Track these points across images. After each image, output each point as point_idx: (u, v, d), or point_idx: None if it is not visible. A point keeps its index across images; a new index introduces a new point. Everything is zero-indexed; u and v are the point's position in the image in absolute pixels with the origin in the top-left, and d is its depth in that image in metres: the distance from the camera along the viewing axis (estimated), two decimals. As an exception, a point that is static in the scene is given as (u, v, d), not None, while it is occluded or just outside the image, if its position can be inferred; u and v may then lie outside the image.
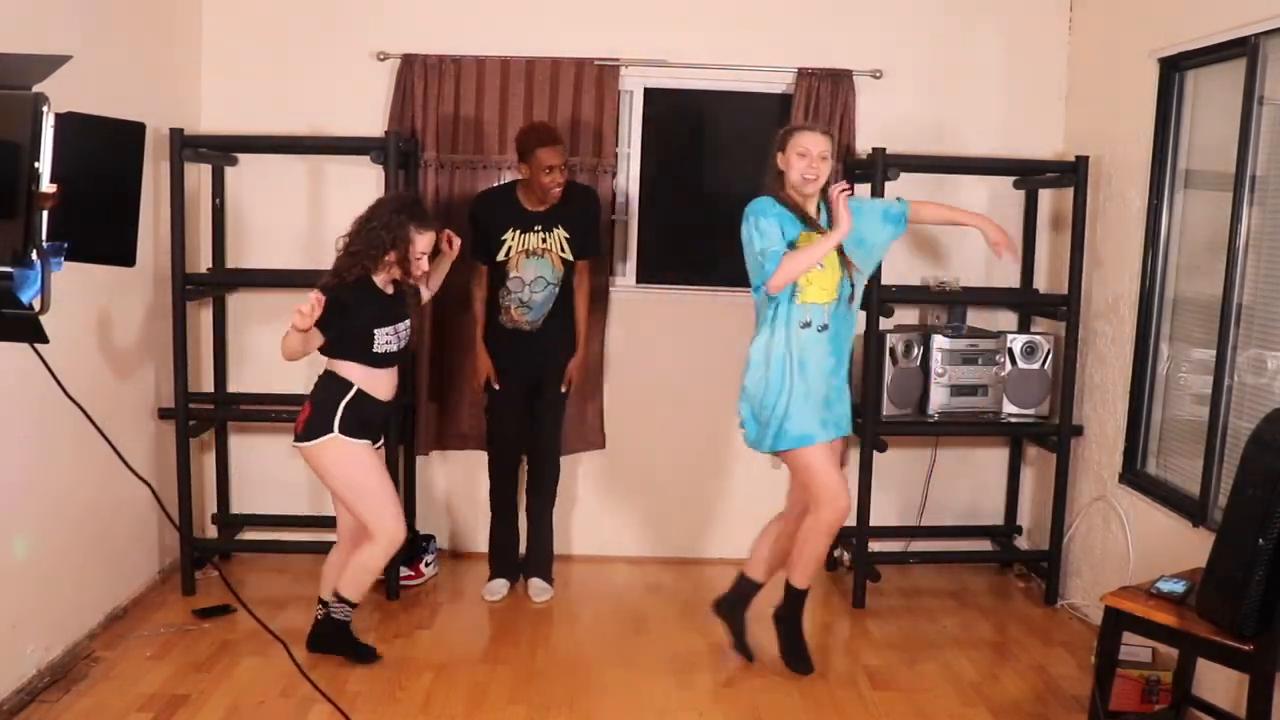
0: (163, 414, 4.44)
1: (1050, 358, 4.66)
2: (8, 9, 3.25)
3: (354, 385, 3.63)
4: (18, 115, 1.59)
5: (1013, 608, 4.65)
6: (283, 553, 4.85)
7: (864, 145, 4.71)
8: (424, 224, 3.66)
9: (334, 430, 3.60)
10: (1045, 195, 4.89)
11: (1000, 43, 4.87)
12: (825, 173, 3.59)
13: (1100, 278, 4.52)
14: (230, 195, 4.74)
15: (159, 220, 4.34)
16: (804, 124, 3.71)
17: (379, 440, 3.80)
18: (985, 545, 5.07)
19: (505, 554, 4.58)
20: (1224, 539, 2.85)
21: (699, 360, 4.90)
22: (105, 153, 1.73)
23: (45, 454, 3.57)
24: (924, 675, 3.92)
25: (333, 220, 4.77)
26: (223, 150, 4.63)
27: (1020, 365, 4.65)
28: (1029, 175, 4.80)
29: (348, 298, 3.56)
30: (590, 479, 5.01)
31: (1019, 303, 4.91)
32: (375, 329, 3.62)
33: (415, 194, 4.00)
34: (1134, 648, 3.56)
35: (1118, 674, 3.29)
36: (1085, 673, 3.81)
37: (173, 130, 4.22)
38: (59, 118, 1.63)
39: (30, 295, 1.63)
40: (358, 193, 4.70)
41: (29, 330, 1.68)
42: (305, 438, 3.64)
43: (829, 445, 3.66)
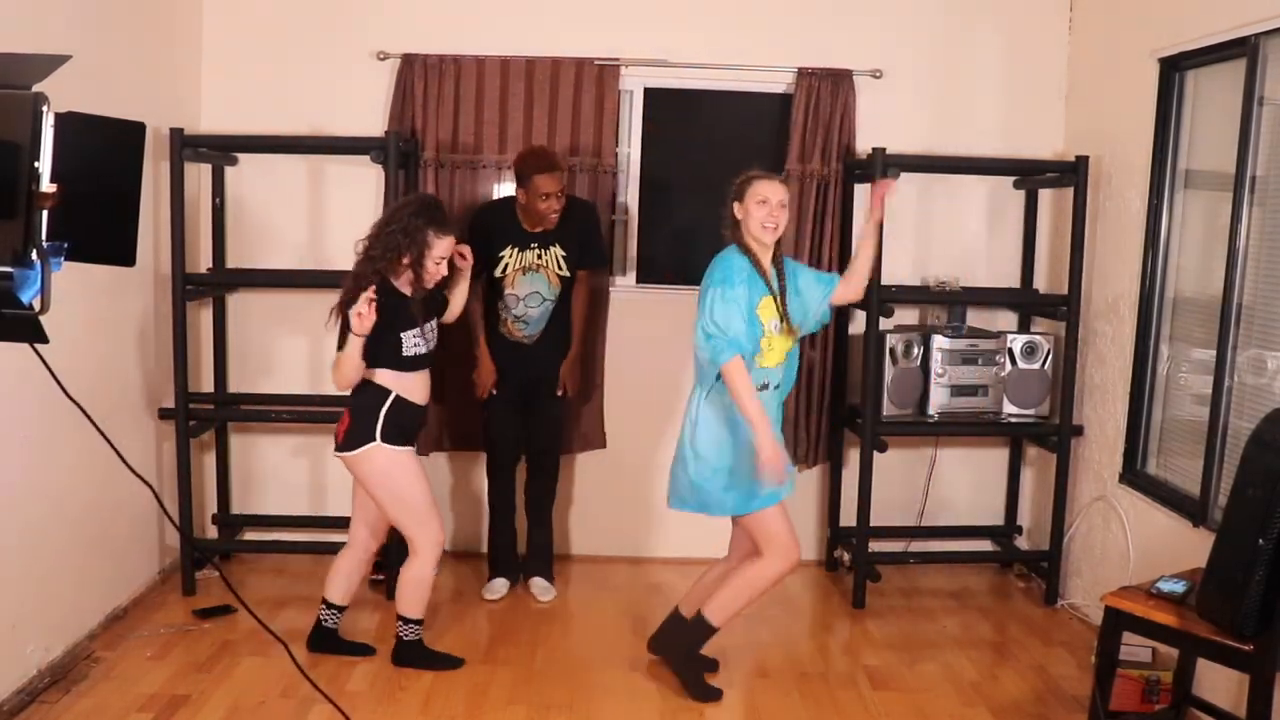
0: (163, 414, 4.44)
1: (1050, 358, 4.66)
2: (8, 9, 3.25)
3: (391, 392, 3.58)
4: (18, 115, 1.58)
5: (1013, 608, 4.65)
6: (283, 553, 4.86)
7: (864, 145, 4.71)
8: (443, 229, 3.58)
9: (376, 439, 3.56)
10: (1045, 195, 4.89)
11: (1000, 43, 4.87)
12: (783, 221, 3.52)
13: (1100, 278, 4.52)
14: (230, 195, 4.74)
15: (159, 220, 4.34)
16: (760, 172, 3.56)
17: (415, 445, 3.75)
18: (985, 545, 5.07)
19: (504, 553, 4.59)
20: (1224, 539, 2.85)
21: (699, 360, 4.90)
22: (105, 153, 1.72)
23: (45, 454, 3.56)
24: (924, 675, 3.92)
25: (333, 220, 4.80)
26: (223, 150, 4.63)
27: (1020, 365, 4.65)
28: (1029, 175, 4.80)
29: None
30: (590, 479, 5.01)
31: (1019, 303, 4.91)
32: (402, 333, 3.57)
33: (435, 197, 3.92)
34: (1134, 648, 3.56)
35: (1118, 674, 3.29)
36: (1085, 673, 3.81)
37: (173, 130, 4.22)
38: (59, 118, 1.62)
39: (30, 295, 1.63)
40: (358, 193, 4.73)
41: (29, 330, 1.67)
42: (347, 447, 3.59)
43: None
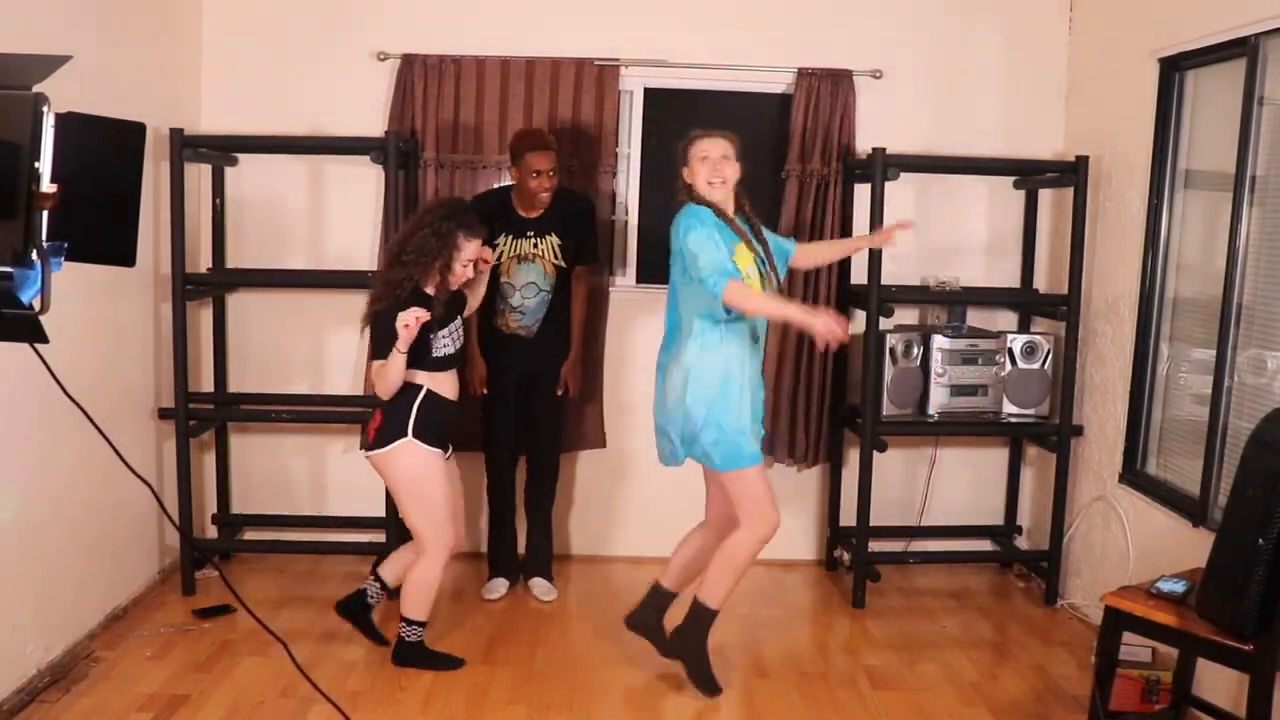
0: (163, 414, 4.44)
1: (1050, 358, 4.66)
2: (8, 9, 3.25)
3: (423, 386, 3.58)
4: (18, 115, 1.58)
5: (1013, 608, 4.65)
6: (283, 553, 4.86)
7: (864, 145, 4.71)
8: (472, 231, 3.58)
9: (408, 434, 3.55)
10: (1045, 195, 4.89)
11: (1000, 43, 4.87)
12: (730, 174, 3.45)
13: (1100, 278, 4.52)
14: (230, 195, 4.74)
15: (159, 220, 4.34)
16: (701, 130, 3.48)
17: (449, 451, 3.73)
18: (985, 545, 5.07)
19: (504, 553, 4.59)
20: (1224, 539, 2.85)
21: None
22: (105, 153, 1.72)
23: (45, 454, 3.56)
24: (924, 675, 3.92)
25: (333, 220, 4.81)
26: (223, 150, 4.63)
27: (1020, 365, 4.65)
28: (1029, 175, 4.80)
29: (406, 309, 3.46)
30: (590, 479, 5.01)
31: (1019, 303, 4.91)
32: (431, 335, 3.55)
33: (463, 200, 3.91)
34: (1134, 648, 3.56)
35: (1118, 674, 3.29)
36: (1085, 673, 3.81)
37: (173, 130, 4.22)
38: (59, 118, 1.62)
39: (30, 295, 1.63)
40: (358, 193, 4.74)
41: (29, 330, 1.67)
42: (379, 445, 3.59)
43: None
